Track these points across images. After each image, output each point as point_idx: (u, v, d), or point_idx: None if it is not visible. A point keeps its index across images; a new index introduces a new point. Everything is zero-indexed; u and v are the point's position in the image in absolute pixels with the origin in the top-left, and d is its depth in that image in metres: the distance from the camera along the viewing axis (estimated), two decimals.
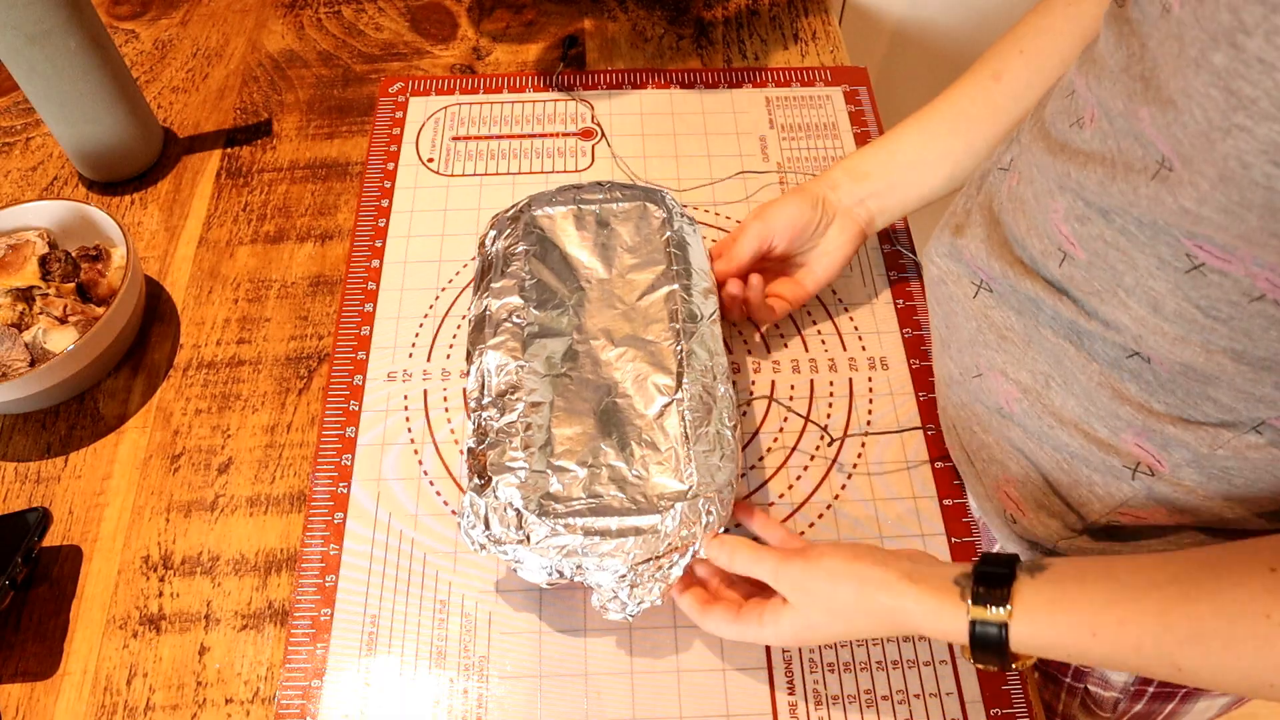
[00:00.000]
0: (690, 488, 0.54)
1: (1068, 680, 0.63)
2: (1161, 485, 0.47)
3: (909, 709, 0.55)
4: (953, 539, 0.61)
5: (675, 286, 0.63)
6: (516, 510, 0.53)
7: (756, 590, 0.54)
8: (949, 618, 0.45)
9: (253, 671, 0.57)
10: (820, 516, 0.62)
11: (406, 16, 0.94)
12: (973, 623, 0.44)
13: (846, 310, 0.72)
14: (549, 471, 0.55)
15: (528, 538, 0.52)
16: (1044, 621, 0.43)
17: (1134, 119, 0.40)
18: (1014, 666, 0.45)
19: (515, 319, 0.60)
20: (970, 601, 0.44)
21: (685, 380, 0.58)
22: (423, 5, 0.95)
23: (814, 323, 0.71)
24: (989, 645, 0.44)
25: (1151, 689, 0.60)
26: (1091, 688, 0.62)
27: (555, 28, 0.93)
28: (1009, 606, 0.43)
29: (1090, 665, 0.43)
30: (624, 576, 0.52)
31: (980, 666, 0.46)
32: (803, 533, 0.61)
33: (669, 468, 0.56)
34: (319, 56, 0.90)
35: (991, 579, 0.44)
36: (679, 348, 0.60)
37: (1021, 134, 0.55)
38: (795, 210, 0.66)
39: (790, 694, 0.56)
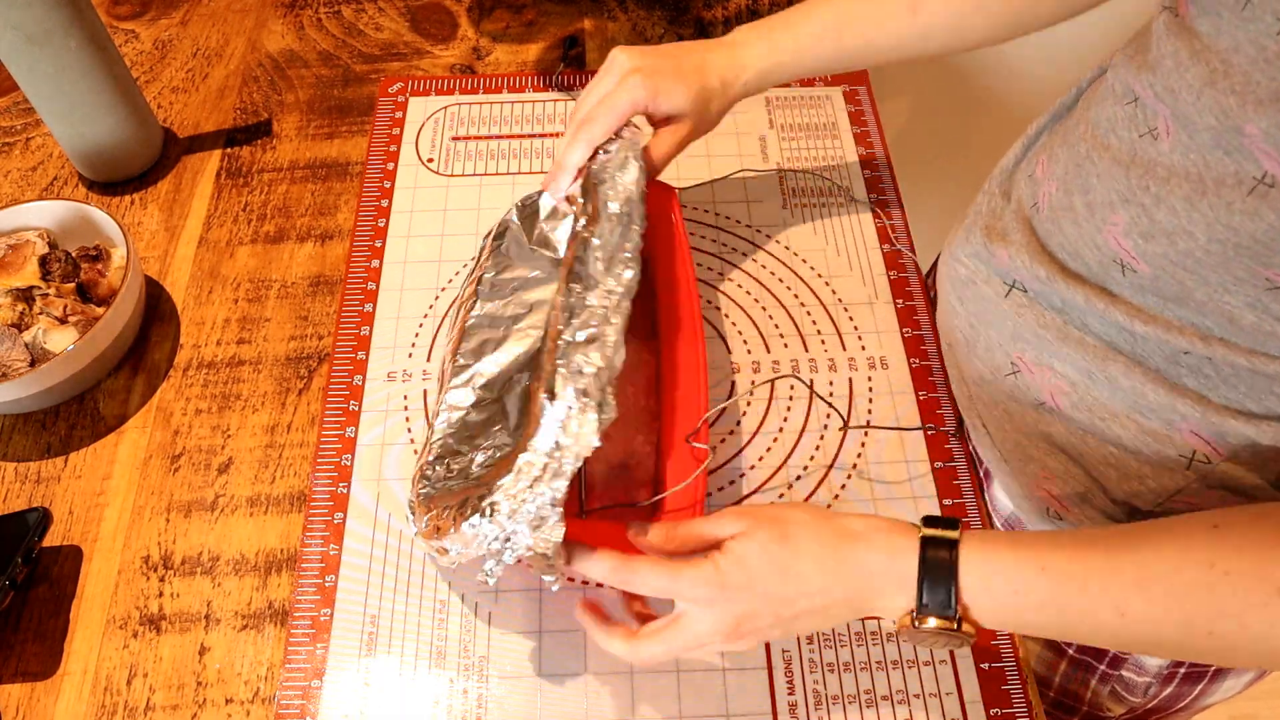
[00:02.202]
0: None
1: (1101, 667, 0.62)
2: (1218, 471, 0.47)
3: (909, 709, 0.55)
4: None
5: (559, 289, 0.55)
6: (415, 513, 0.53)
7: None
8: (900, 534, 0.44)
9: (253, 671, 0.57)
10: None
11: (406, 16, 0.94)
12: (924, 538, 0.44)
13: (846, 310, 0.72)
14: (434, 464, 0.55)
15: (437, 529, 0.50)
16: (995, 548, 0.43)
17: (1235, 134, 0.39)
18: (958, 623, 0.43)
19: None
20: (921, 524, 0.44)
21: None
22: (423, 5, 0.95)
23: (814, 323, 0.71)
24: (939, 563, 0.43)
25: (1182, 670, 0.60)
26: (1125, 673, 0.61)
27: (555, 28, 0.93)
28: (957, 531, 0.43)
29: (1033, 621, 0.43)
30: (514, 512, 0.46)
31: (927, 620, 0.44)
32: None
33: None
34: (319, 56, 0.90)
35: (939, 519, 0.45)
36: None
37: (1051, 140, 0.54)
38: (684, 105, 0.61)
39: (790, 694, 0.56)
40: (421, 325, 0.71)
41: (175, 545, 0.62)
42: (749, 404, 0.67)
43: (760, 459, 0.65)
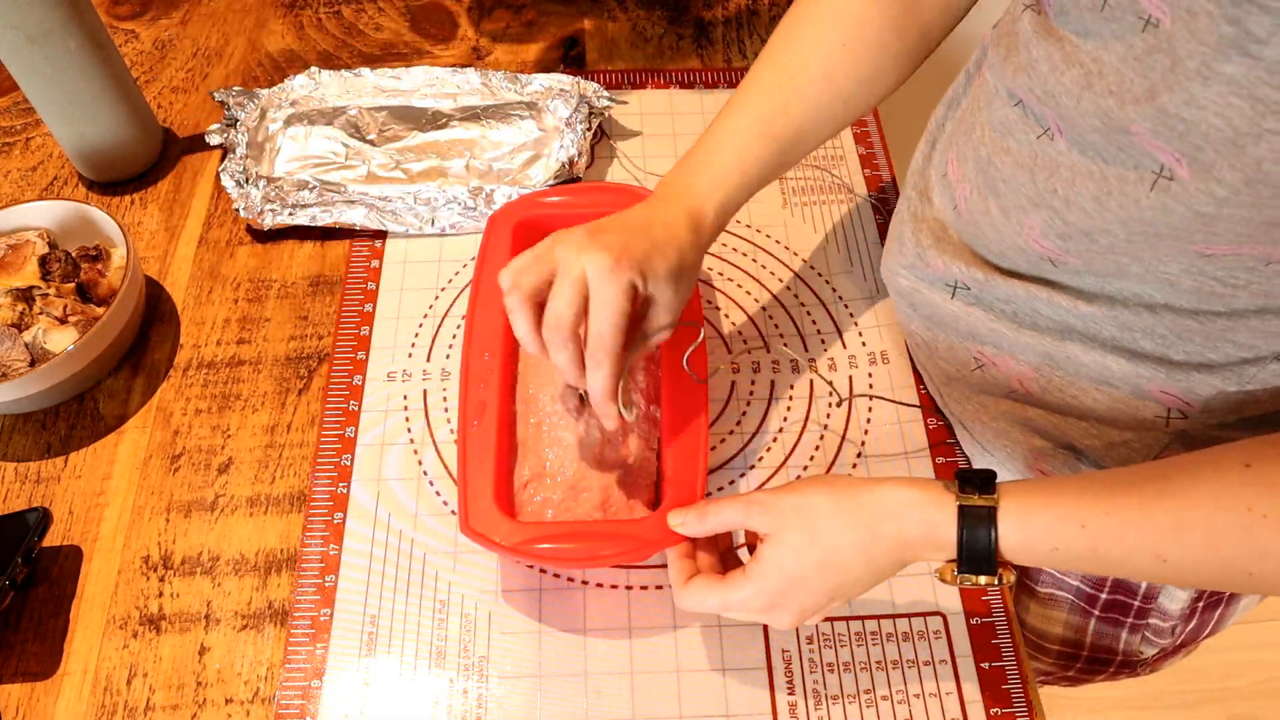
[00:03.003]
0: None
1: (1129, 620, 0.63)
2: (1196, 424, 0.47)
3: (909, 709, 0.55)
4: None
5: None
6: None
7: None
8: (935, 507, 0.44)
9: (253, 671, 0.57)
10: None
11: (406, 16, 0.94)
12: (961, 509, 0.43)
13: (847, 307, 0.72)
14: None
15: None
16: (1033, 510, 0.43)
17: (1121, 133, 0.39)
18: (1000, 577, 0.44)
19: None
20: (958, 489, 0.44)
21: None
22: (423, 5, 0.95)
23: (814, 322, 0.71)
24: (978, 537, 0.43)
25: (1201, 604, 0.61)
26: (1152, 620, 0.63)
27: (555, 28, 0.93)
28: (995, 495, 0.43)
29: (1071, 567, 0.43)
30: None
31: (968, 579, 0.44)
32: None
33: None
34: (319, 56, 0.90)
35: (975, 478, 0.44)
36: None
37: (955, 134, 0.54)
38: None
39: (790, 694, 0.56)
40: (421, 325, 0.71)
41: (175, 545, 0.62)
42: (749, 403, 0.67)
43: (760, 459, 0.65)
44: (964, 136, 0.53)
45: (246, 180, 0.76)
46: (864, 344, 0.70)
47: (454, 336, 0.70)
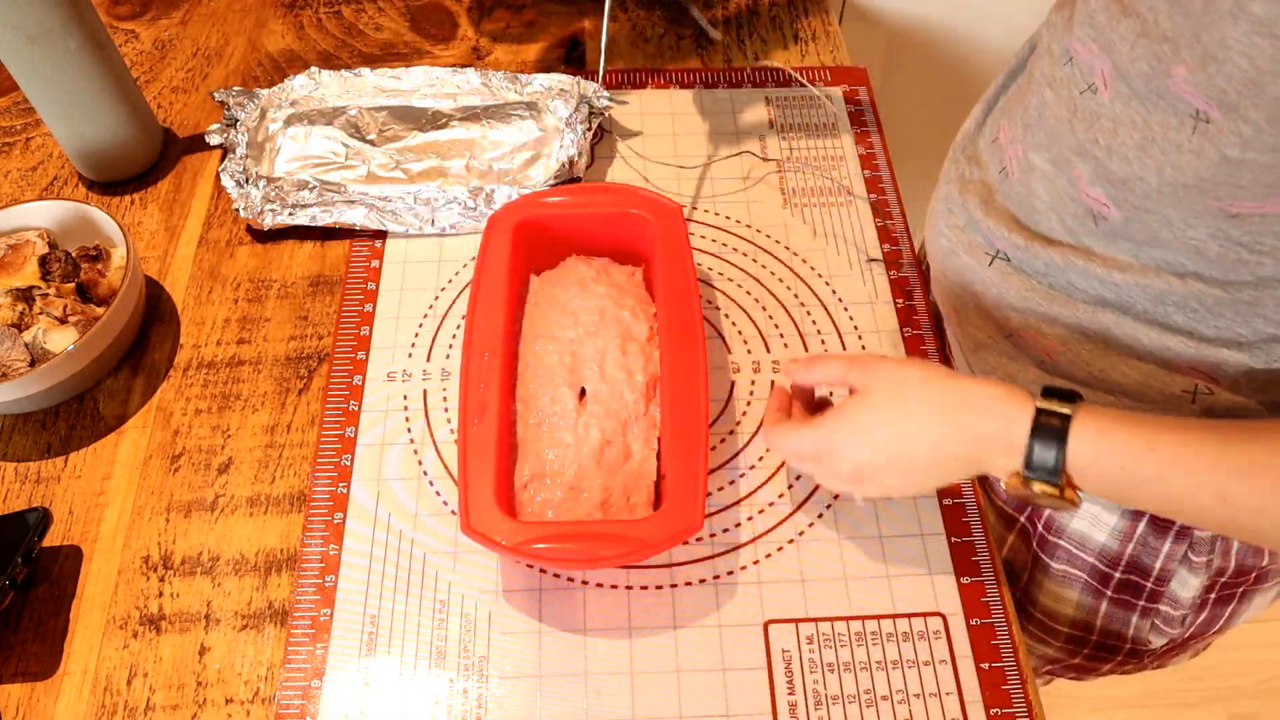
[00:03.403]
0: None
1: (1141, 602, 0.64)
2: (1222, 401, 0.48)
3: (909, 709, 0.55)
4: (953, 539, 0.61)
5: None
6: None
7: None
8: (1015, 405, 0.45)
9: (253, 671, 0.57)
10: (820, 516, 0.62)
11: (406, 16, 0.94)
12: (1038, 410, 0.44)
13: (846, 310, 0.72)
14: None
15: None
16: (1107, 427, 0.43)
17: (1165, 78, 0.41)
18: (1062, 491, 0.44)
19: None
20: (1040, 395, 0.45)
21: None
22: (423, 5, 0.95)
23: (814, 323, 0.71)
24: (1049, 442, 0.44)
25: (1213, 595, 0.61)
26: (1163, 607, 0.63)
27: (555, 28, 0.93)
28: (1073, 406, 0.44)
29: (1133, 497, 0.44)
30: None
31: (1032, 485, 0.45)
32: (802, 533, 0.61)
33: None
34: (319, 56, 0.90)
35: (1060, 392, 0.45)
36: None
37: (1008, 104, 0.55)
38: None
39: (790, 694, 0.56)
40: (421, 325, 0.71)
41: (175, 545, 0.62)
42: (749, 403, 0.67)
43: (760, 459, 0.65)
44: (1017, 101, 0.54)
45: (246, 180, 0.76)
46: (863, 346, 0.70)
47: (454, 336, 0.70)
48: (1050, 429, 0.44)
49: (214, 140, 0.79)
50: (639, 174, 0.80)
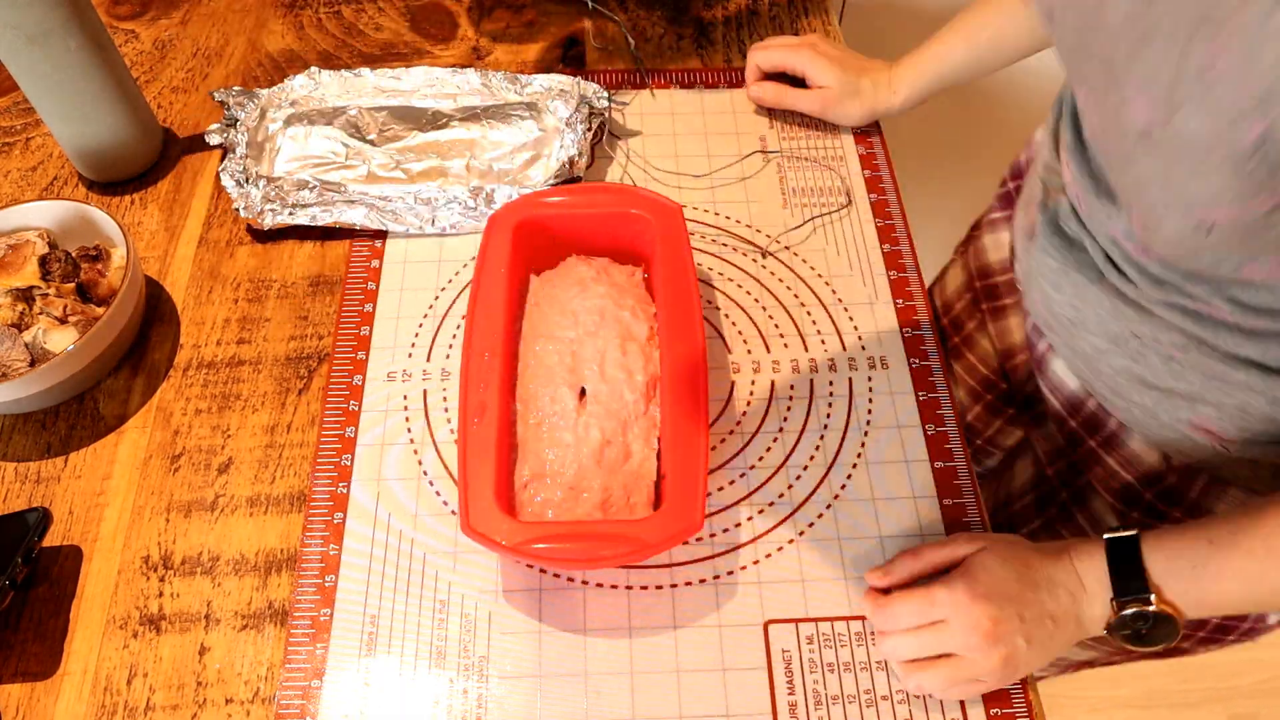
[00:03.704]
0: None
1: None
2: None
3: (909, 709, 0.55)
4: None
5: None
6: None
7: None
8: (1089, 545, 0.52)
9: (253, 671, 0.57)
10: (820, 516, 0.62)
11: (406, 16, 0.94)
12: (1108, 540, 0.51)
13: (846, 310, 0.72)
14: None
15: None
16: (1166, 536, 0.50)
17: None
18: (1158, 613, 0.49)
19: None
20: (1106, 536, 0.52)
21: None
22: (423, 5, 0.95)
23: (814, 323, 0.71)
24: (1125, 562, 0.50)
25: None
26: None
27: (555, 28, 0.93)
28: (1134, 531, 0.51)
29: (1214, 586, 0.49)
30: None
31: (1130, 610, 0.50)
32: (802, 533, 0.61)
33: None
34: (319, 56, 0.90)
35: (1117, 529, 0.52)
36: None
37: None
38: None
39: (790, 694, 0.56)
40: (421, 325, 0.71)
41: (175, 545, 0.62)
42: (749, 403, 0.67)
43: (760, 459, 0.65)
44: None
45: (246, 180, 0.76)
46: (863, 348, 0.70)
47: (454, 336, 0.70)
48: (1122, 550, 0.50)
49: (214, 140, 0.79)
50: (639, 174, 0.80)
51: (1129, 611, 0.50)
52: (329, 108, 0.83)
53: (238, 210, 0.75)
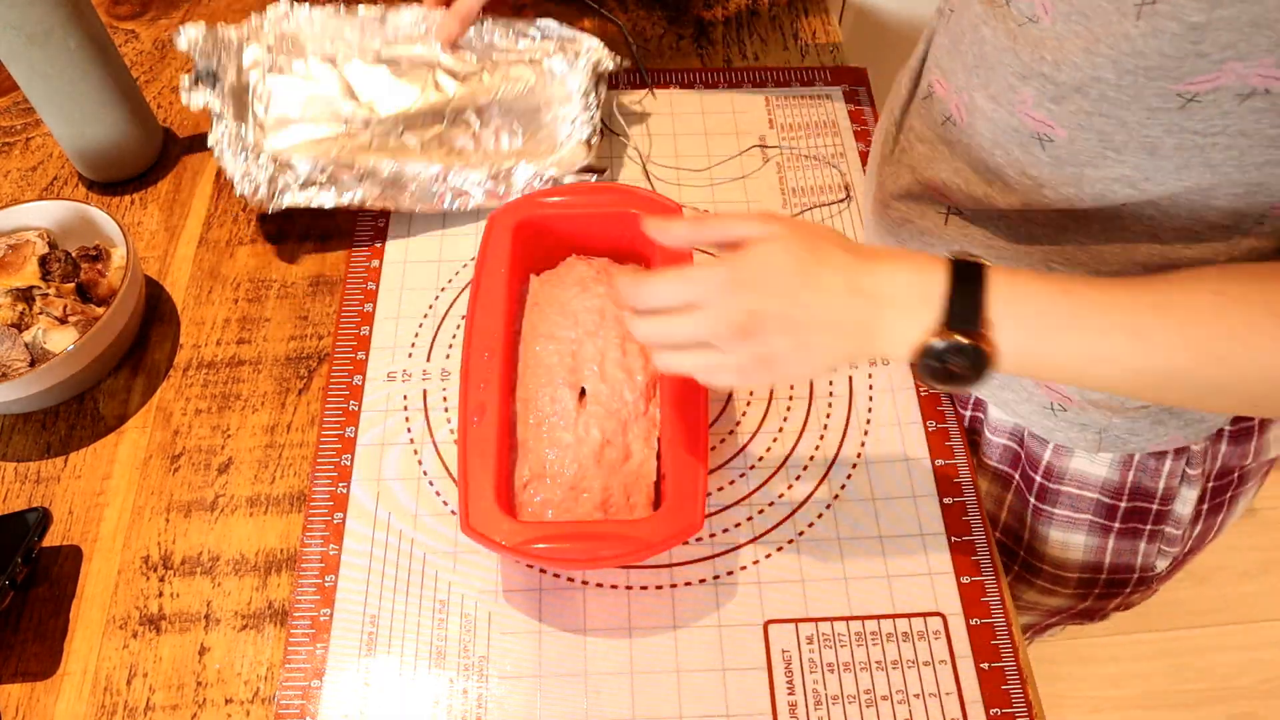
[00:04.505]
0: None
1: (1148, 528, 0.65)
2: None
3: (909, 709, 0.55)
4: (953, 538, 0.61)
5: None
6: None
7: None
8: (926, 260, 0.45)
9: (253, 671, 0.57)
10: (820, 516, 0.62)
11: None
12: (954, 261, 0.44)
13: None
14: None
15: None
16: (1020, 276, 0.44)
17: None
18: (980, 348, 0.43)
19: None
20: (952, 257, 0.45)
21: None
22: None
23: None
24: (968, 289, 0.43)
25: (1205, 506, 0.63)
26: (1166, 528, 0.65)
27: None
28: (984, 262, 0.44)
29: (1051, 338, 0.43)
30: None
31: (955, 338, 0.43)
32: (802, 533, 0.61)
33: None
34: None
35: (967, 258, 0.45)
36: None
37: (939, 59, 0.57)
38: None
39: (790, 694, 0.56)
40: (421, 325, 0.71)
41: (175, 545, 0.62)
42: (749, 403, 0.67)
43: (760, 459, 0.65)
44: (948, 53, 0.55)
45: (245, 153, 0.72)
46: None
47: (454, 336, 0.70)
48: (969, 273, 0.43)
49: (196, 101, 0.74)
50: (639, 174, 0.80)
51: (947, 343, 0.43)
52: (321, 57, 0.78)
53: (242, 194, 0.71)
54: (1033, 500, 0.66)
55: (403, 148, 0.76)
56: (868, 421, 0.66)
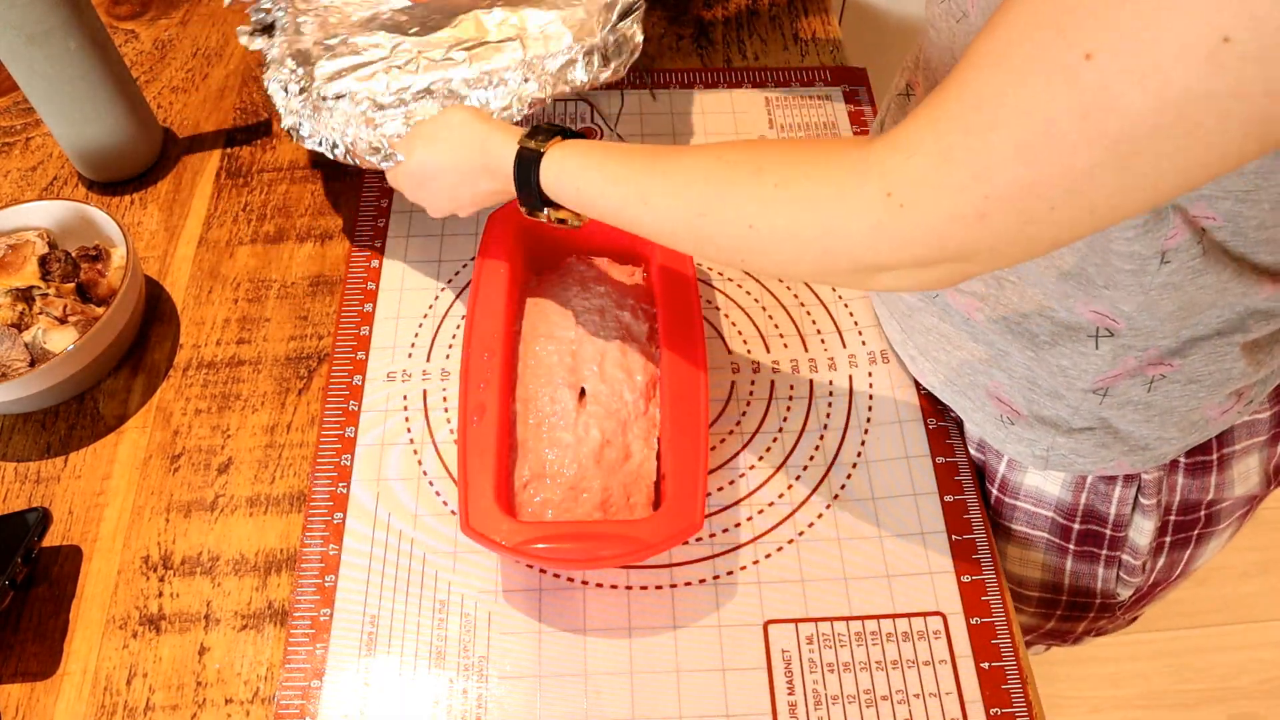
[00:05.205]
0: None
1: (1104, 553, 0.65)
2: (1122, 340, 0.50)
3: (909, 709, 0.55)
4: (953, 536, 0.61)
5: None
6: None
7: None
8: (508, 146, 0.55)
9: (252, 671, 0.57)
10: (820, 516, 0.62)
11: None
12: (520, 149, 0.55)
13: (847, 306, 0.72)
14: None
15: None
16: (569, 156, 0.53)
17: None
18: (546, 212, 0.56)
19: None
20: (525, 136, 0.55)
21: None
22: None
23: (813, 321, 0.71)
24: (526, 173, 0.54)
25: (1168, 540, 0.64)
26: (1124, 556, 0.65)
27: None
28: (548, 144, 0.54)
29: (592, 203, 0.52)
30: None
31: (534, 209, 0.57)
32: (802, 533, 0.61)
33: None
34: None
35: (546, 131, 0.55)
36: None
37: (918, 55, 0.58)
38: None
39: (790, 694, 0.56)
40: (421, 325, 0.71)
41: (175, 545, 0.62)
42: (749, 403, 0.67)
43: (760, 459, 0.65)
44: (922, 51, 0.56)
45: (301, 92, 0.70)
46: (864, 343, 0.70)
47: (454, 336, 0.70)
48: (526, 163, 0.54)
49: (255, 44, 0.74)
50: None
51: (528, 206, 0.56)
52: (363, 17, 0.76)
53: (291, 130, 0.70)
54: (990, 514, 0.66)
55: (450, 61, 0.72)
56: (868, 420, 0.66)
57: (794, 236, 0.43)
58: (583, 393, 0.61)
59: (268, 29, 0.76)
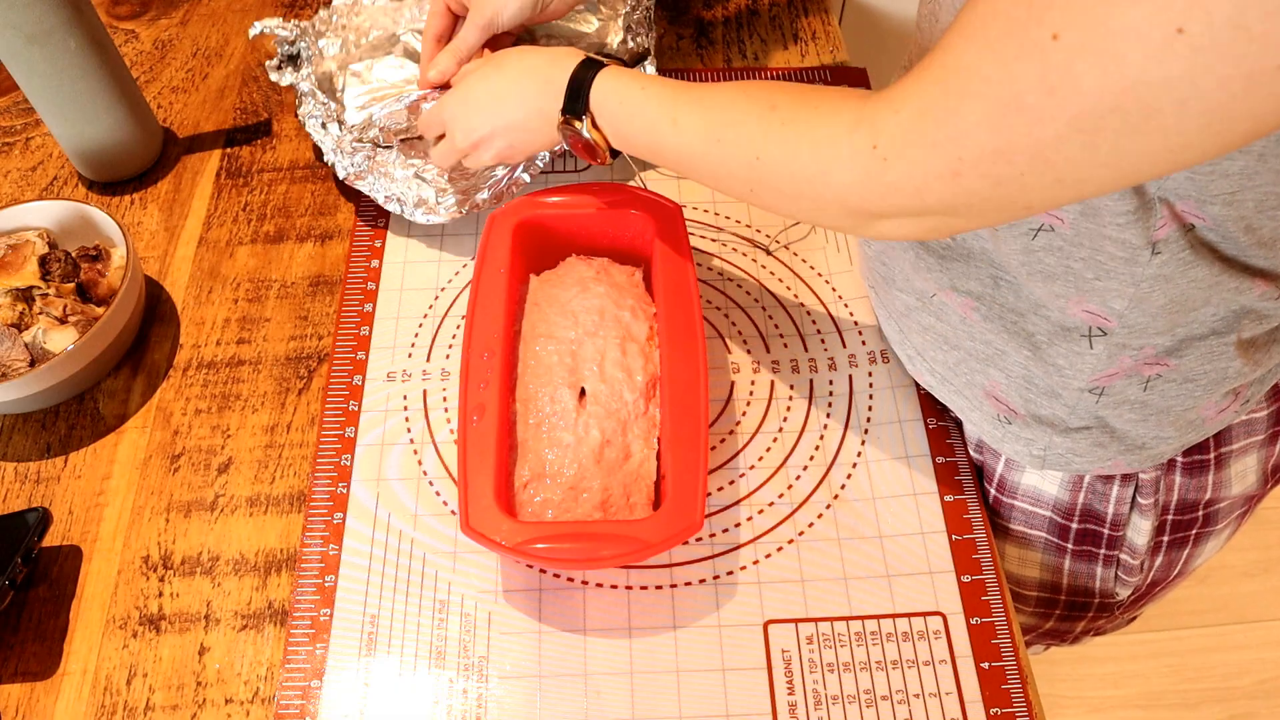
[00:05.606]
0: None
1: (1102, 552, 0.65)
2: (1116, 339, 0.50)
3: (909, 709, 0.55)
4: (953, 536, 0.61)
5: None
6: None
7: None
8: (570, 61, 0.58)
9: (252, 671, 0.57)
10: (820, 516, 0.62)
11: None
12: (580, 64, 0.58)
13: (847, 306, 0.72)
14: None
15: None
16: (619, 78, 0.56)
17: None
18: (586, 126, 0.58)
19: None
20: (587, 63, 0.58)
21: None
22: None
23: (813, 321, 0.71)
24: (580, 80, 0.57)
25: (1165, 539, 0.64)
26: (1122, 555, 0.65)
27: None
28: (608, 64, 0.58)
29: (627, 121, 0.56)
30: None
31: (570, 121, 0.58)
32: (802, 533, 0.61)
33: None
34: None
35: (605, 61, 0.59)
36: None
37: (908, 54, 0.58)
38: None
39: (790, 694, 0.56)
40: (421, 325, 0.71)
41: (175, 545, 0.62)
42: (749, 403, 0.67)
43: (760, 459, 0.65)
44: (911, 62, 0.57)
45: (327, 124, 0.73)
46: (864, 343, 0.70)
47: (454, 336, 0.70)
48: (583, 72, 0.57)
49: (284, 80, 0.76)
50: (639, 174, 0.80)
51: (568, 128, 0.58)
52: (385, 36, 0.77)
53: (331, 164, 0.73)
54: (988, 513, 0.66)
55: None
56: (868, 420, 0.66)
57: (793, 175, 0.46)
58: (583, 393, 0.61)
59: (293, 59, 0.78)
